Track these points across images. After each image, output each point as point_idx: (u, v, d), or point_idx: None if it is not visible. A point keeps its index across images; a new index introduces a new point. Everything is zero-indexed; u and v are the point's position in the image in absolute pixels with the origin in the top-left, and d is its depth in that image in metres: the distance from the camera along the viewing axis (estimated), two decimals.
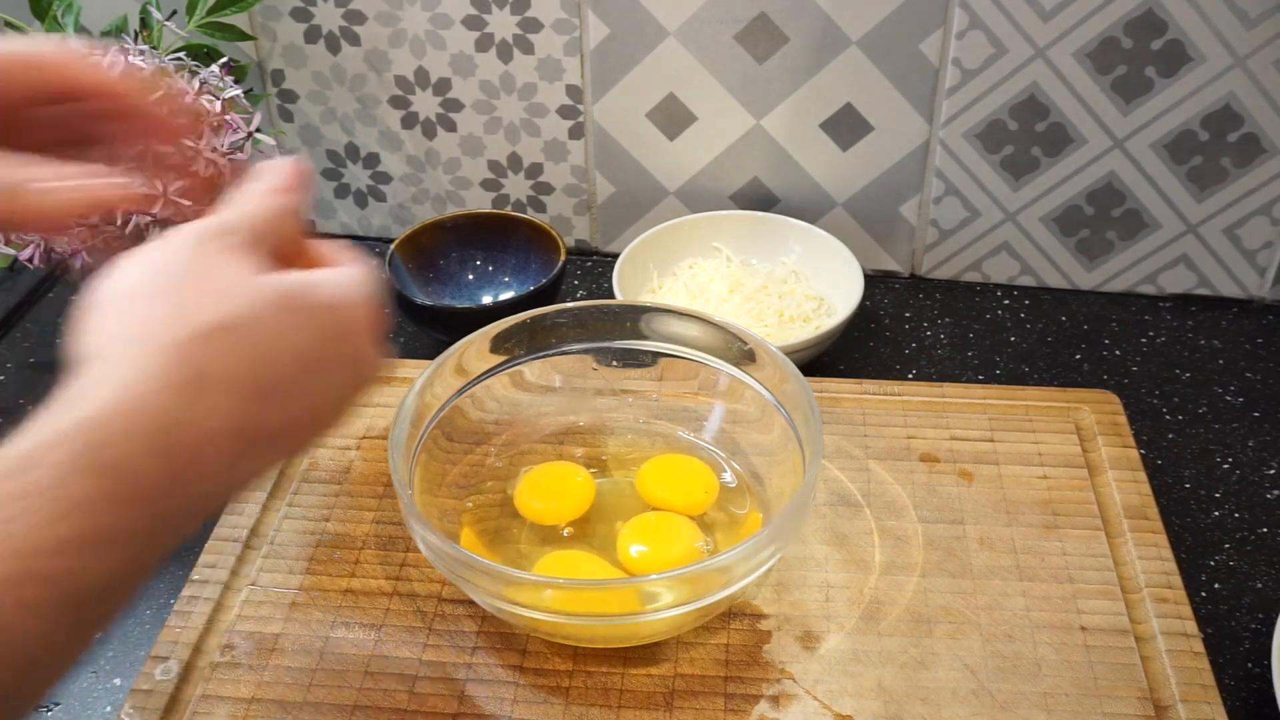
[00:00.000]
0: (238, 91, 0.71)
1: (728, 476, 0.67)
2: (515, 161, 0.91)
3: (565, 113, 0.88)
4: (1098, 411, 0.73)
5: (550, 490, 0.66)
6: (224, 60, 0.73)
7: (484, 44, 0.85)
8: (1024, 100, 0.81)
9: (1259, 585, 0.66)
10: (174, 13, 0.76)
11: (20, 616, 0.32)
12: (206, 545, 0.65)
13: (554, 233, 0.84)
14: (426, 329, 0.82)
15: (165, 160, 0.48)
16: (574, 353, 0.69)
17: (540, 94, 0.87)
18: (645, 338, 0.69)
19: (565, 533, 0.65)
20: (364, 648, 0.60)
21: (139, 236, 0.67)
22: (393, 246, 0.84)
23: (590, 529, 0.65)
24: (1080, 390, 0.75)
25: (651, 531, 0.63)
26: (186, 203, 0.67)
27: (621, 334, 0.69)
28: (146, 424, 0.35)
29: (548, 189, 0.92)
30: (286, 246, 0.43)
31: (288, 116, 0.92)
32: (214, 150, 0.68)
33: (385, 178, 0.94)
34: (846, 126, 0.85)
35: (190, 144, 0.51)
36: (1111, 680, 0.58)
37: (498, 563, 0.60)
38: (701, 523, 0.65)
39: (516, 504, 0.66)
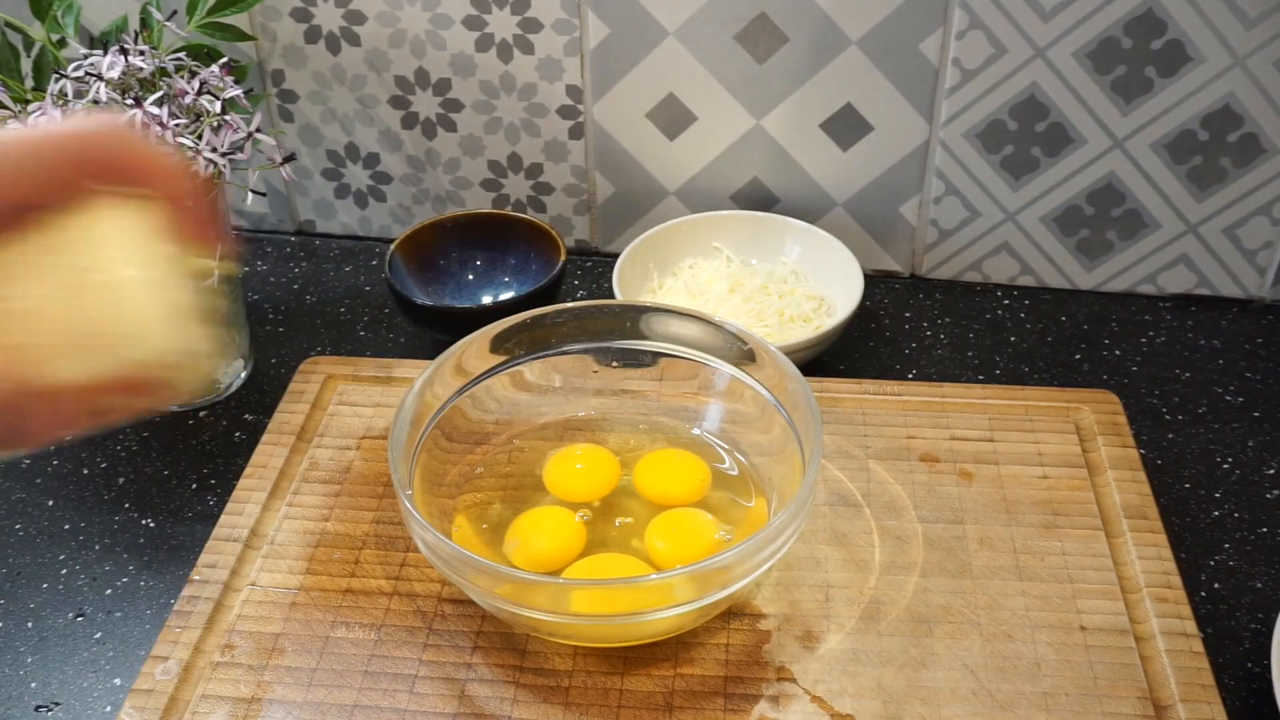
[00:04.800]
0: (238, 92, 0.71)
1: (731, 469, 0.67)
2: (515, 161, 0.91)
3: (565, 113, 0.88)
4: (1097, 411, 0.73)
5: (542, 533, 0.64)
6: (224, 60, 0.73)
7: (484, 44, 0.85)
8: (1024, 100, 0.81)
9: (1259, 585, 0.66)
10: (174, 13, 0.76)
11: None
12: (206, 545, 0.66)
13: (554, 233, 0.84)
14: (426, 329, 0.83)
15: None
16: (574, 353, 0.69)
17: (540, 94, 0.87)
18: (645, 338, 0.69)
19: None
20: (364, 648, 0.60)
21: None
22: (393, 246, 0.84)
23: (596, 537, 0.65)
24: (1080, 390, 0.75)
25: (674, 530, 0.63)
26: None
27: (621, 334, 0.69)
28: None
29: (548, 189, 0.92)
30: None
31: (288, 116, 0.92)
32: (214, 150, 0.68)
33: (385, 178, 0.94)
34: (846, 126, 0.85)
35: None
36: (1111, 680, 0.58)
37: (497, 562, 0.61)
38: (704, 508, 0.65)
39: (508, 541, 0.64)
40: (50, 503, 0.73)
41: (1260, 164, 0.81)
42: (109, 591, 0.67)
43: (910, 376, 0.82)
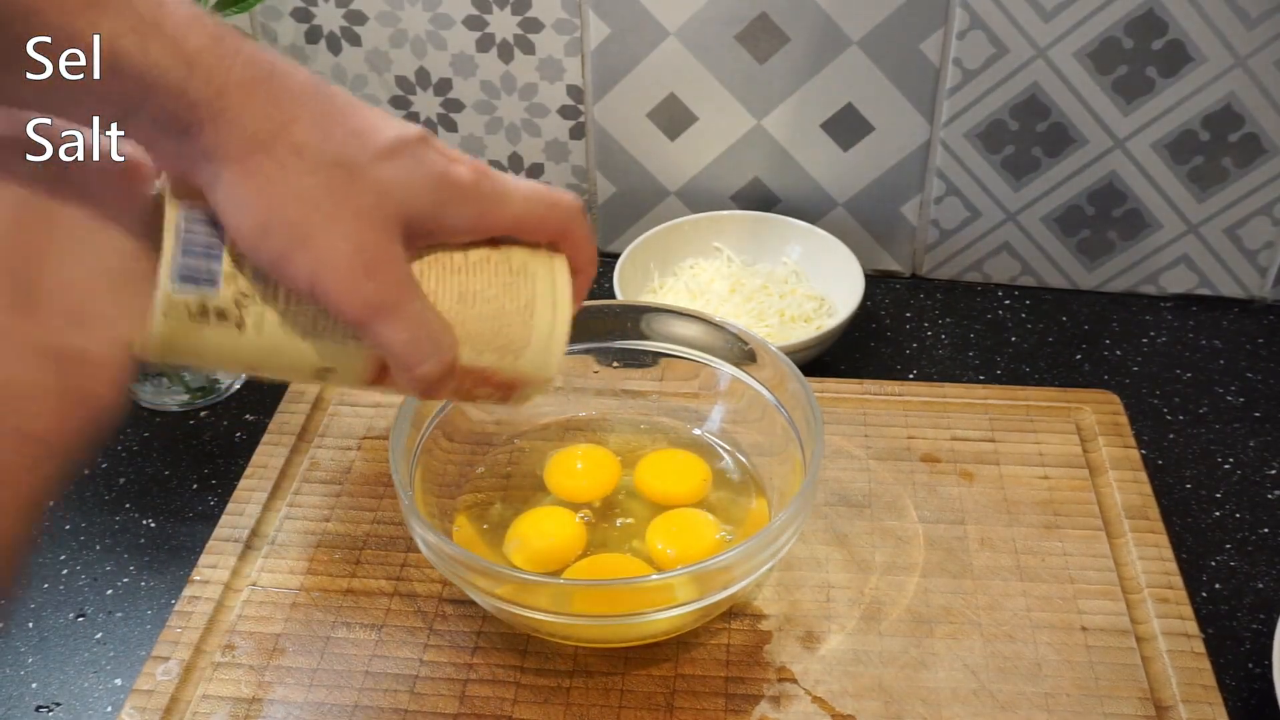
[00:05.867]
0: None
1: (731, 469, 0.67)
2: (516, 162, 0.91)
3: (566, 113, 0.88)
4: (1098, 412, 0.73)
5: (543, 533, 0.64)
6: None
7: (485, 44, 0.85)
8: (1025, 100, 0.81)
9: (1260, 585, 0.66)
10: None
11: None
12: (207, 545, 0.66)
13: None
14: None
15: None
16: (574, 353, 0.69)
17: (541, 94, 0.87)
18: (646, 338, 0.69)
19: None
20: (364, 648, 0.60)
21: None
22: None
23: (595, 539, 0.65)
24: (1081, 390, 0.75)
25: (674, 530, 0.63)
26: None
27: (622, 334, 0.69)
28: None
29: None
30: None
31: None
32: None
33: None
34: (847, 126, 0.85)
35: None
36: (1112, 680, 0.58)
37: (498, 563, 0.61)
38: (704, 508, 0.65)
39: (508, 542, 0.64)
40: (51, 503, 0.72)
41: (1261, 164, 0.81)
42: (110, 592, 0.67)
43: (911, 376, 0.82)
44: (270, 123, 0.40)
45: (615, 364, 0.70)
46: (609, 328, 0.69)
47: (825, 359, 0.82)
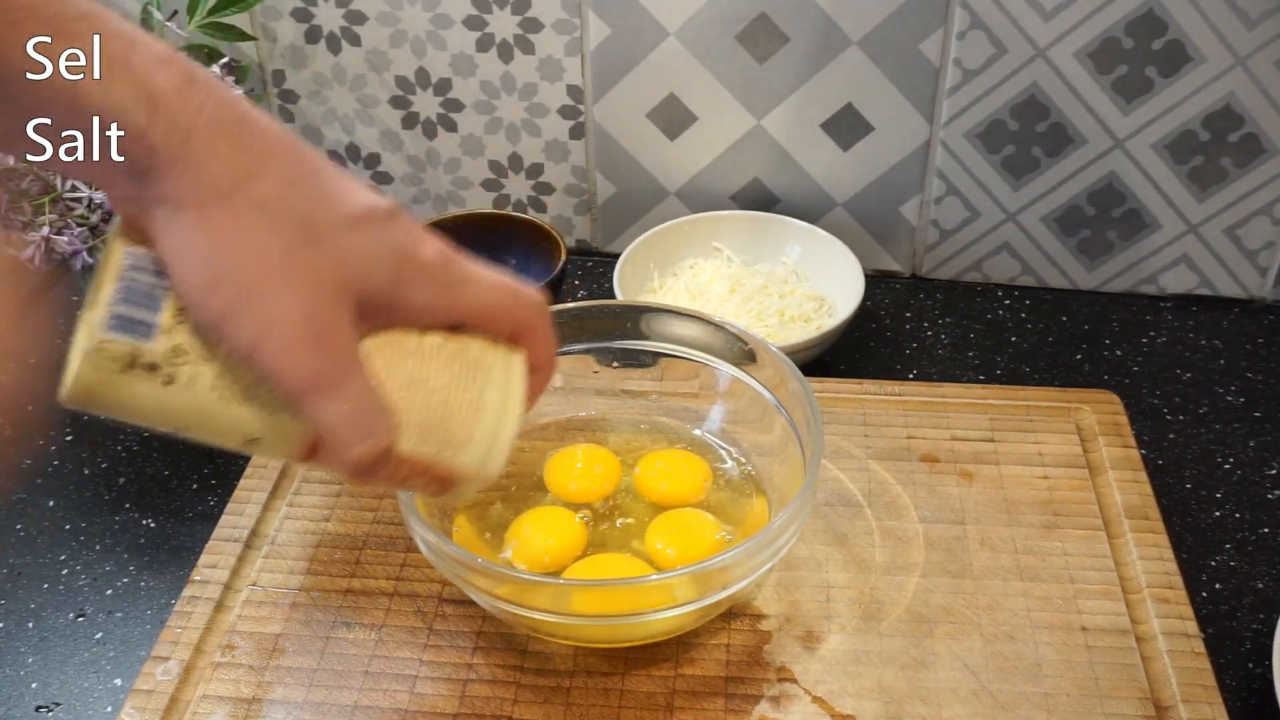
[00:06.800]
0: (239, 92, 0.71)
1: (731, 469, 0.67)
2: (516, 161, 0.91)
3: (566, 113, 0.88)
4: (1098, 411, 0.73)
5: (542, 533, 0.64)
6: (225, 61, 0.73)
7: (484, 44, 0.85)
8: (1025, 100, 0.81)
9: (1260, 585, 0.66)
10: (175, 13, 0.77)
11: None
12: (207, 545, 0.66)
13: (554, 233, 0.84)
14: None
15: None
16: (574, 353, 0.69)
17: (541, 94, 0.87)
18: (646, 338, 0.69)
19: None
20: (365, 648, 0.60)
21: None
22: None
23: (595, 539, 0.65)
24: (1081, 390, 0.75)
25: (674, 530, 0.63)
26: None
27: (622, 334, 0.69)
28: None
29: (548, 189, 0.92)
30: None
31: (288, 117, 0.92)
32: None
33: (386, 178, 0.94)
34: (847, 126, 0.85)
35: None
36: (1112, 680, 0.58)
37: (497, 563, 0.61)
38: (704, 508, 0.65)
39: (508, 542, 0.64)
40: (51, 503, 0.73)
41: (1261, 164, 0.81)
42: (109, 592, 0.67)
43: (911, 376, 0.82)
44: (233, 173, 0.38)
45: (615, 364, 0.70)
46: (609, 328, 0.69)
47: (825, 359, 0.82)
